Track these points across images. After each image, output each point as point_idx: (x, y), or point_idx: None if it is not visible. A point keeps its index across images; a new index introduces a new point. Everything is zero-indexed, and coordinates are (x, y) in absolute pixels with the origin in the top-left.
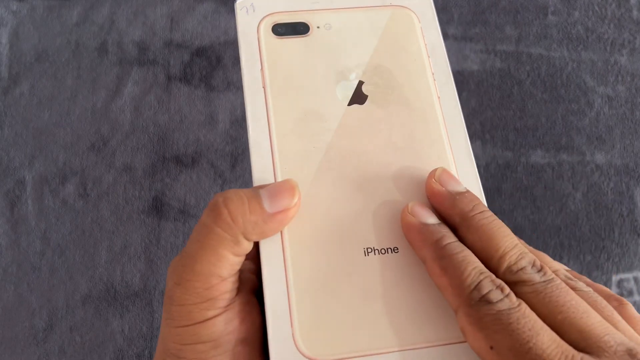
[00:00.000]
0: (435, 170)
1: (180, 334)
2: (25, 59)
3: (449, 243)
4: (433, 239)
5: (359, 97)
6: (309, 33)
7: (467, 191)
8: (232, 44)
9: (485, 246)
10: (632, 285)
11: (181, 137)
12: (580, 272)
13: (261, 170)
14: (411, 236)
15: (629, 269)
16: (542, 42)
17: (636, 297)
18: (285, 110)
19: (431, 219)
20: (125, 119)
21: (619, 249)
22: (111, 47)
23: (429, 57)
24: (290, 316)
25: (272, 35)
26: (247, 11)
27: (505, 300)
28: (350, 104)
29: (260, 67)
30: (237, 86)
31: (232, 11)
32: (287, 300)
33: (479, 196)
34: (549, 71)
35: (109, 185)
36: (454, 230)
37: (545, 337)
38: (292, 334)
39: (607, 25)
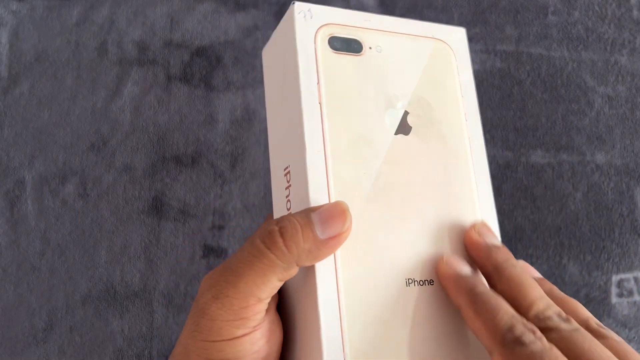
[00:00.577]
0: (476, 222)
1: (207, 348)
2: (25, 59)
3: (482, 291)
4: (467, 287)
5: (404, 128)
6: (362, 52)
7: (503, 246)
8: (232, 44)
9: (515, 295)
10: (632, 285)
11: (181, 137)
12: (580, 272)
13: (316, 190)
14: (447, 284)
15: (629, 269)
16: (542, 42)
17: (636, 297)
18: (339, 132)
19: (465, 269)
20: (125, 119)
21: (619, 249)
22: (111, 47)
23: (462, 96)
24: (343, 342)
25: (328, 48)
26: (304, 16)
27: (538, 342)
28: (396, 133)
29: (317, 82)
30: (237, 86)
31: (232, 11)
32: (340, 327)
33: (495, 231)
34: (549, 71)
35: (109, 185)
36: (487, 278)
37: None
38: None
39: (607, 25)
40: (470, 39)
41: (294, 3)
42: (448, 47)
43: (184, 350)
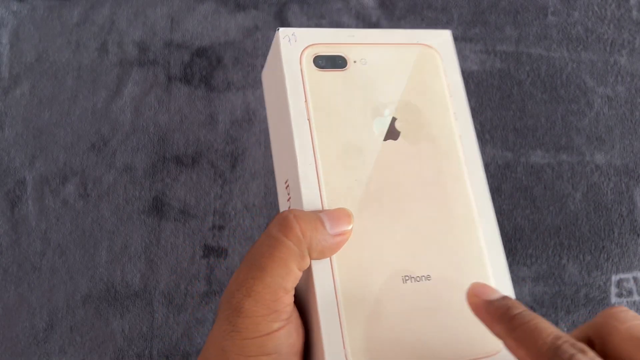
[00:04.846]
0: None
1: (247, 345)
2: (26, 59)
3: (518, 313)
4: (500, 312)
5: (392, 133)
6: (347, 67)
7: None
8: (233, 45)
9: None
10: (631, 285)
11: (181, 137)
12: (580, 272)
13: (310, 202)
14: (481, 316)
15: (629, 269)
16: (542, 43)
17: (636, 297)
18: (328, 144)
19: (494, 295)
20: (125, 119)
21: (619, 249)
22: (111, 47)
23: (450, 96)
24: (343, 338)
25: (313, 67)
26: (289, 40)
27: None
28: (385, 139)
29: (304, 100)
30: (237, 87)
31: (232, 12)
32: (339, 324)
33: (492, 226)
34: (549, 71)
35: (109, 186)
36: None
37: None
38: (345, 355)
39: (606, 25)
40: (470, 39)
41: (278, 29)
42: (434, 50)
43: (221, 352)
